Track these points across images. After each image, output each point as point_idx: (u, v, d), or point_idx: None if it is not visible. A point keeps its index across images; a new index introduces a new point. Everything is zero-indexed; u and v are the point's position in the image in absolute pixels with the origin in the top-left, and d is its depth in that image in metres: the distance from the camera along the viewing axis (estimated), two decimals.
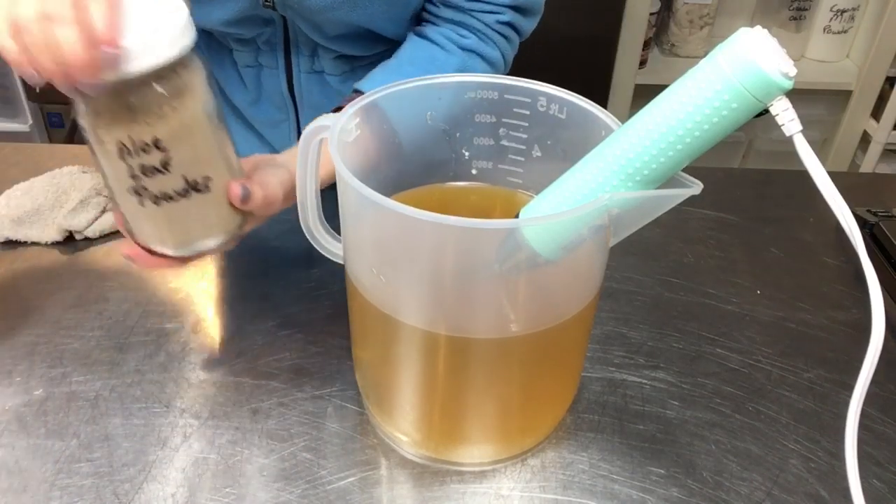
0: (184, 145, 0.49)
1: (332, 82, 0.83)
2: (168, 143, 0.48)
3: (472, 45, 0.73)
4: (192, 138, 0.50)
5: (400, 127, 0.57)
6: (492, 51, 0.74)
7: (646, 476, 0.55)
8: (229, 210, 0.54)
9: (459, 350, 0.49)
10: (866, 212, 0.80)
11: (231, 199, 0.53)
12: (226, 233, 0.55)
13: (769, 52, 0.37)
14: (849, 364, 0.65)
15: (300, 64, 0.81)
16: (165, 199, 0.50)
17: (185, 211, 0.52)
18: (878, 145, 1.89)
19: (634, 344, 0.66)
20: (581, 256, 0.47)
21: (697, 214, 0.83)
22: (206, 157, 0.51)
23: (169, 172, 0.49)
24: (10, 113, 1.90)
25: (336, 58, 0.81)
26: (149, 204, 0.50)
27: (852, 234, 0.39)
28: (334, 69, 0.82)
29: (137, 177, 0.49)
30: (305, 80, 0.83)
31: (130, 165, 0.49)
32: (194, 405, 0.59)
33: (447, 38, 0.73)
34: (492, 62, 0.75)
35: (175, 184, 0.50)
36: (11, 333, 0.66)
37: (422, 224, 0.41)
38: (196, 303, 0.69)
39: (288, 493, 0.53)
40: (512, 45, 0.77)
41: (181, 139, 0.49)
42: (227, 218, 0.55)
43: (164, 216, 0.52)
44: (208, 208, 0.53)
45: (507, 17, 0.74)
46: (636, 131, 0.41)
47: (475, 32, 0.74)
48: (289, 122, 0.87)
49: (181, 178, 0.50)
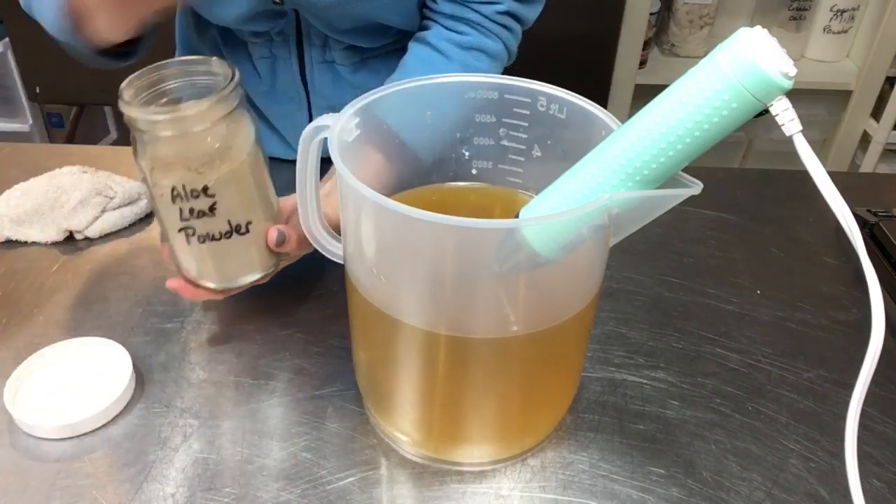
0: (229, 193, 0.55)
1: (344, 73, 0.83)
2: (216, 190, 0.54)
3: (472, 41, 0.73)
4: (237, 187, 0.55)
5: (400, 127, 0.57)
6: (494, 43, 0.74)
7: (646, 476, 0.55)
8: (266, 250, 0.60)
9: (459, 350, 0.49)
10: (866, 212, 0.80)
11: (268, 242, 0.59)
12: (262, 270, 0.61)
13: (769, 52, 0.37)
14: (849, 364, 0.65)
15: (312, 55, 0.82)
16: (210, 239, 0.56)
17: (227, 250, 0.58)
18: (878, 145, 1.89)
19: (634, 344, 0.66)
20: (581, 256, 0.47)
21: (697, 214, 0.83)
22: (248, 203, 0.57)
23: (215, 216, 0.55)
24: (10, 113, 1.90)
25: (346, 48, 0.82)
26: (195, 243, 0.56)
27: (852, 234, 0.39)
28: (345, 60, 0.82)
29: (187, 219, 0.55)
30: (318, 70, 0.84)
31: (181, 208, 0.54)
32: (194, 405, 0.59)
33: (447, 39, 0.73)
34: (495, 55, 0.75)
35: (220, 226, 0.56)
36: (11, 333, 0.66)
37: (422, 224, 0.41)
38: (196, 303, 0.69)
39: (288, 493, 0.53)
40: (514, 35, 0.77)
41: (227, 187, 0.54)
42: (264, 257, 0.60)
43: (208, 254, 0.58)
44: (248, 249, 0.58)
45: (506, 7, 0.74)
46: (636, 131, 0.41)
47: (475, 27, 0.74)
48: (301, 113, 0.88)
49: (226, 221, 0.56)
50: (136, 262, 0.74)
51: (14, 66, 1.76)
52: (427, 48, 0.74)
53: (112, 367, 0.61)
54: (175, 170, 0.53)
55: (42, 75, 1.61)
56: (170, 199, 0.54)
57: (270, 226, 0.59)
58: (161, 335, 0.66)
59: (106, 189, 0.79)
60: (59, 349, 0.62)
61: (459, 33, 0.73)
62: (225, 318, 0.68)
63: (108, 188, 0.79)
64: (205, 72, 0.56)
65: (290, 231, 0.59)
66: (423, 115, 0.57)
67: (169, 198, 0.54)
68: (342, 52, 0.82)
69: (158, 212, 0.56)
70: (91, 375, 0.60)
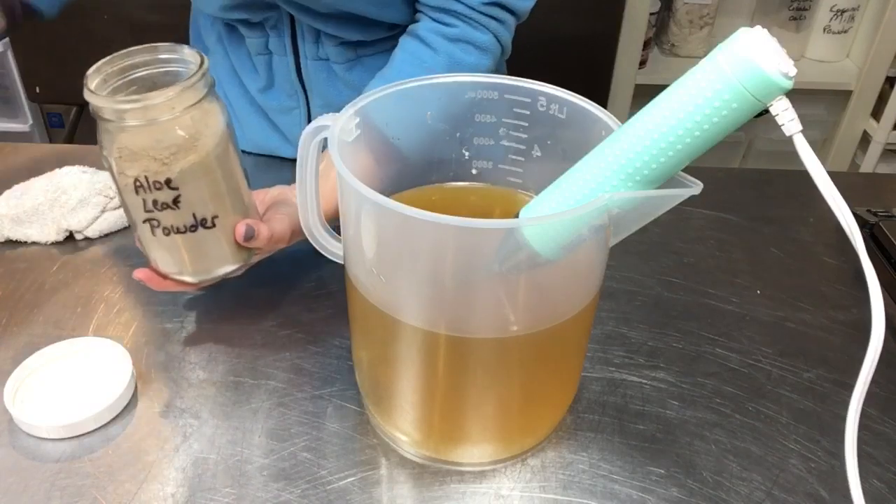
0: (194, 186, 0.54)
1: (338, 70, 0.83)
2: (179, 182, 0.53)
3: (459, 34, 0.72)
4: (204, 179, 0.54)
5: (400, 127, 0.57)
6: (482, 35, 0.73)
7: (646, 476, 0.55)
8: (235, 245, 0.58)
9: (459, 350, 0.49)
10: (866, 212, 0.80)
11: (236, 237, 0.58)
12: (232, 264, 0.60)
13: (769, 52, 0.37)
14: (849, 364, 0.65)
15: (306, 51, 0.82)
16: (175, 231, 0.55)
17: (193, 243, 0.57)
18: (878, 145, 1.89)
19: (634, 344, 0.66)
20: (581, 256, 0.47)
21: (697, 214, 0.83)
22: (214, 197, 0.56)
23: (179, 209, 0.54)
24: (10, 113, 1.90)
25: (339, 45, 0.82)
26: (160, 234, 0.55)
27: (852, 234, 0.39)
28: (339, 57, 0.82)
29: (151, 210, 0.54)
30: (313, 67, 0.84)
31: (145, 200, 0.54)
32: (194, 405, 0.59)
33: (434, 31, 0.73)
34: (484, 48, 0.74)
35: (184, 219, 0.55)
36: (11, 333, 0.66)
37: (422, 224, 0.41)
38: (196, 303, 0.69)
39: (288, 493, 0.53)
40: (506, 26, 0.76)
41: (192, 180, 0.54)
42: (233, 251, 0.60)
43: (174, 246, 0.57)
44: (215, 242, 0.58)
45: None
46: (636, 131, 0.41)
47: (462, 19, 0.73)
48: (300, 110, 0.88)
49: (190, 214, 0.55)
50: (135, 262, 0.74)
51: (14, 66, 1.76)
52: (415, 41, 0.74)
53: (112, 367, 0.61)
54: (140, 160, 0.52)
55: (42, 75, 1.61)
56: (133, 190, 0.53)
57: (239, 220, 0.58)
58: (161, 335, 0.66)
59: (106, 189, 0.79)
60: (59, 349, 0.62)
61: (446, 25, 0.73)
62: (225, 318, 0.68)
63: (108, 188, 0.79)
64: (176, 60, 0.55)
65: (261, 226, 0.58)
66: (423, 116, 0.56)
67: (132, 189, 0.53)
68: (335, 49, 0.82)
69: (124, 202, 0.55)
70: (91, 375, 0.60)
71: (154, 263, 0.59)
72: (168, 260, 0.58)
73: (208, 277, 0.60)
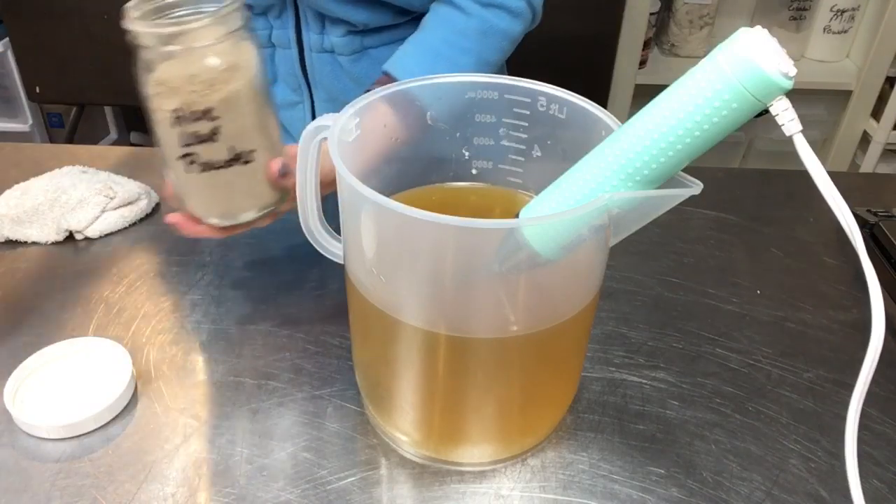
0: (232, 117, 0.54)
1: (344, 63, 0.83)
2: (219, 112, 0.53)
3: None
4: (241, 110, 0.55)
5: (400, 127, 0.57)
6: (515, 0, 0.73)
7: (646, 476, 0.55)
8: (268, 185, 0.59)
9: (459, 350, 0.49)
10: (866, 212, 0.80)
11: (270, 174, 0.57)
12: (263, 206, 0.60)
13: (769, 52, 0.37)
14: (849, 364, 0.65)
15: (311, 42, 0.82)
16: (211, 167, 0.55)
17: (228, 181, 0.57)
18: (878, 145, 1.89)
19: (634, 344, 0.66)
20: (581, 256, 0.47)
21: (697, 214, 0.83)
22: (251, 130, 0.56)
23: (216, 141, 0.54)
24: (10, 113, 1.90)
25: (345, 35, 0.81)
26: (195, 171, 0.55)
27: (852, 234, 0.39)
28: (344, 48, 0.82)
29: (188, 144, 0.54)
30: (317, 60, 0.83)
31: (182, 132, 0.53)
32: (194, 405, 0.59)
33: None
34: (517, 13, 0.74)
35: (221, 153, 0.55)
36: (11, 333, 0.66)
37: (422, 224, 0.41)
38: (196, 303, 0.69)
39: (288, 493, 0.53)
40: None
41: (230, 110, 0.54)
42: (266, 192, 0.59)
43: (209, 184, 0.57)
44: (249, 180, 0.57)
45: None
46: (636, 131, 0.41)
47: None
48: (304, 105, 0.88)
49: (227, 148, 0.55)
50: (136, 262, 0.74)
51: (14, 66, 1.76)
52: (447, 6, 0.73)
53: (112, 367, 0.61)
54: (178, 93, 0.52)
55: (42, 75, 1.61)
56: (171, 124, 0.53)
57: (273, 158, 0.58)
58: (161, 335, 0.66)
59: (106, 189, 0.79)
60: (59, 349, 0.62)
61: None
62: (225, 318, 0.68)
63: (108, 188, 0.79)
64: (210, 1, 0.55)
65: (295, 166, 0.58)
66: (423, 115, 0.57)
67: (170, 122, 0.53)
68: (341, 40, 0.82)
69: (159, 139, 0.56)
70: (91, 375, 0.60)
71: (187, 207, 0.59)
72: (201, 200, 0.58)
73: (239, 221, 0.60)
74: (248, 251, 0.76)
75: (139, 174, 0.85)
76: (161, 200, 0.83)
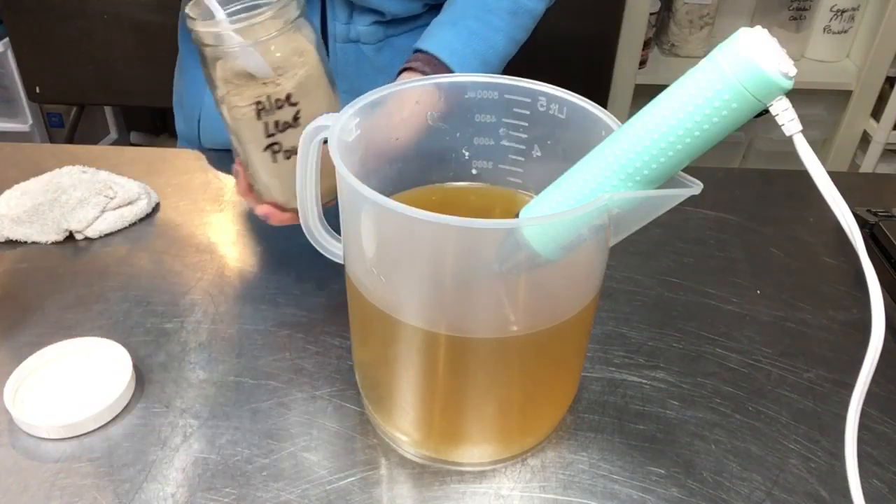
0: (310, 99, 0.56)
1: (368, 52, 0.84)
2: (298, 97, 0.55)
3: None
4: (317, 91, 0.57)
5: (400, 127, 0.57)
6: None
7: (646, 476, 0.55)
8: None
9: (459, 350, 0.49)
10: (866, 212, 0.80)
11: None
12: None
13: (769, 52, 0.37)
14: (849, 364, 0.65)
15: (336, 32, 0.83)
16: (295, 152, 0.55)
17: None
18: (878, 145, 1.89)
19: (634, 344, 0.66)
20: (581, 256, 0.47)
21: (697, 214, 0.83)
22: (326, 109, 0.56)
23: (299, 125, 0.56)
24: (10, 113, 1.91)
25: (371, 25, 0.82)
26: (281, 159, 0.57)
27: (852, 234, 0.39)
28: (369, 37, 0.83)
29: (272, 134, 0.56)
30: (341, 50, 0.84)
31: (266, 123, 0.55)
32: (194, 405, 0.59)
33: None
34: None
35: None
36: (11, 333, 0.66)
37: (422, 224, 0.41)
38: (196, 303, 0.69)
39: (288, 493, 0.53)
40: None
41: (307, 94, 0.56)
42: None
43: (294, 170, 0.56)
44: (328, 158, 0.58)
45: None
46: (636, 131, 0.41)
47: None
48: None
49: None
50: (136, 262, 0.74)
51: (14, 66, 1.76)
52: None
53: (112, 367, 0.61)
54: (252, 86, 0.53)
55: (42, 75, 1.61)
56: (254, 116, 0.54)
57: None
58: (161, 335, 0.66)
59: (106, 189, 0.79)
60: (59, 349, 0.62)
61: None
62: (225, 318, 0.68)
63: (108, 188, 0.79)
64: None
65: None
66: (423, 116, 0.56)
67: (253, 114, 0.54)
68: (367, 29, 0.82)
69: (240, 136, 0.56)
70: (91, 375, 0.60)
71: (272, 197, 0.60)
72: (288, 186, 0.58)
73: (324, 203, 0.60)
74: (248, 251, 0.76)
75: (139, 174, 0.85)
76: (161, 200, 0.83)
